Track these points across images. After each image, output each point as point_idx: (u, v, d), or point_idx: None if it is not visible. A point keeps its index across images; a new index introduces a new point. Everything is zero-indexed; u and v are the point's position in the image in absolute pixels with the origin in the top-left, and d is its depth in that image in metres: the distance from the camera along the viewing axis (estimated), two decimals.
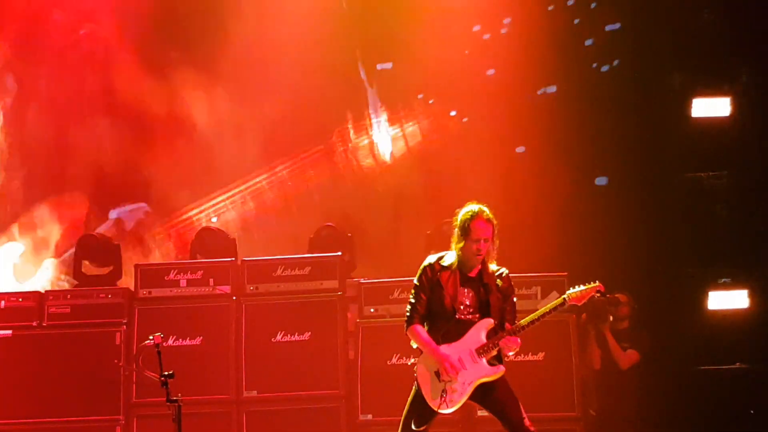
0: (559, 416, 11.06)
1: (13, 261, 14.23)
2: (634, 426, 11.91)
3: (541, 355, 11.20)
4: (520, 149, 14.51)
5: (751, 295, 11.06)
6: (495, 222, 8.59)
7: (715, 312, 11.09)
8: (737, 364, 10.97)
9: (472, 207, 8.63)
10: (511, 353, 8.59)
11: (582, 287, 8.70)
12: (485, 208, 8.60)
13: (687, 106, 11.17)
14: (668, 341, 11.20)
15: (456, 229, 8.61)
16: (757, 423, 10.75)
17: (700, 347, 11.03)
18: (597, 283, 8.74)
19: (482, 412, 8.77)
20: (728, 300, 11.09)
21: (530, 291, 11.28)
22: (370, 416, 11.44)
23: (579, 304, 8.84)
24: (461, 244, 8.58)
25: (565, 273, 11.72)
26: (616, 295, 10.66)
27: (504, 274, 8.68)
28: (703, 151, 11.19)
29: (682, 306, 11.17)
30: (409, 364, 8.69)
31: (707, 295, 11.09)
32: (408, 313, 8.67)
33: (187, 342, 11.63)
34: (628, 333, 11.82)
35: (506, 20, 14.64)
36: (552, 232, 13.47)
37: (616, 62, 14.27)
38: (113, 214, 14.87)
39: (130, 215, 14.87)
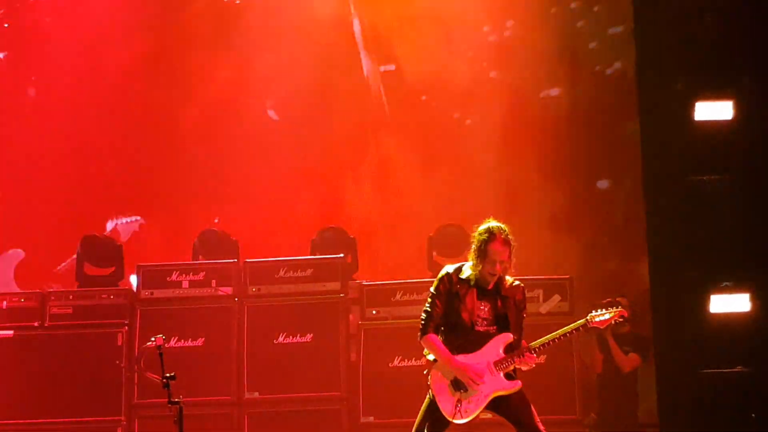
0: (560, 419, 11.05)
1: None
2: (634, 429, 11.91)
3: (542, 358, 11.18)
4: (522, 151, 14.51)
5: (753, 299, 11.03)
6: (513, 243, 8.47)
7: (716, 315, 11.06)
8: (739, 367, 10.94)
9: (490, 226, 8.48)
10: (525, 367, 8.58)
11: (605, 312, 8.66)
12: (504, 228, 8.46)
13: (690, 109, 11.14)
14: (669, 344, 11.17)
15: (473, 247, 8.48)
16: (758, 427, 10.73)
17: (701, 351, 11.00)
18: (620, 308, 8.72)
19: (485, 415, 8.75)
20: (730, 304, 11.07)
21: (532, 294, 11.26)
22: (371, 418, 11.44)
23: (601, 328, 8.82)
24: (478, 265, 8.49)
25: (568, 276, 11.74)
26: (618, 299, 10.66)
27: (521, 288, 8.64)
28: (706, 155, 11.15)
29: (684, 309, 11.14)
30: (424, 372, 8.65)
31: (709, 298, 11.06)
32: (423, 322, 8.57)
33: (189, 343, 11.63)
34: (630, 336, 11.82)
35: (509, 23, 14.66)
36: (554, 234, 13.48)
37: (618, 65, 14.29)
38: (110, 225, 14.89)
39: (125, 227, 14.89)
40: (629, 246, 13.23)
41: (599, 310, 8.69)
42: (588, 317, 8.67)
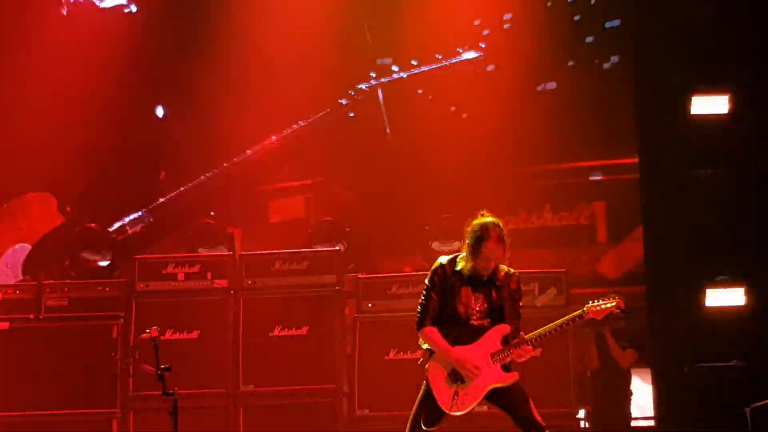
0: (555, 412, 11.04)
1: None
2: (628, 422, 11.93)
3: (537, 351, 11.19)
4: (518, 144, 14.52)
5: (748, 293, 11.06)
6: (507, 240, 8.35)
7: (712, 309, 11.09)
8: (734, 361, 10.98)
9: (485, 223, 8.36)
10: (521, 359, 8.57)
11: (602, 303, 8.63)
12: (498, 224, 8.34)
13: (686, 103, 11.16)
14: (665, 338, 11.20)
15: (468, 241, 8.40)
16: (753, 421, 10.76)
17: (696, 344, 11.03)
18: (617, 299, 8.69)
19: (481, 407, 8.76)
20: (725, 297, 11.10)
21: (528, 287, 11.26)
22: (367, 411, 11.44)
23: (598, 319, 8.81)
24: (471, 262, 8.41)
25: (563, 269, 11.74)
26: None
27: (515, 277, 8.57)
28: (702, 149, 11.19)
29: (679, 303, 11.17)
30: (419, 362, 8.63)
31: (704, 292, 11.09)
32: (419, 314, 8.53)
33: (185, 335, 11.63)
34: (627, 332, 11.83)
35: (506, 16, 14.66)
36: (548, 226, 13.49)
37: (615, 59, 14.30)
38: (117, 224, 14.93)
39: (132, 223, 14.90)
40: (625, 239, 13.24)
41: (596, 301, 8.69)
42: (585, 308, 8.66)
